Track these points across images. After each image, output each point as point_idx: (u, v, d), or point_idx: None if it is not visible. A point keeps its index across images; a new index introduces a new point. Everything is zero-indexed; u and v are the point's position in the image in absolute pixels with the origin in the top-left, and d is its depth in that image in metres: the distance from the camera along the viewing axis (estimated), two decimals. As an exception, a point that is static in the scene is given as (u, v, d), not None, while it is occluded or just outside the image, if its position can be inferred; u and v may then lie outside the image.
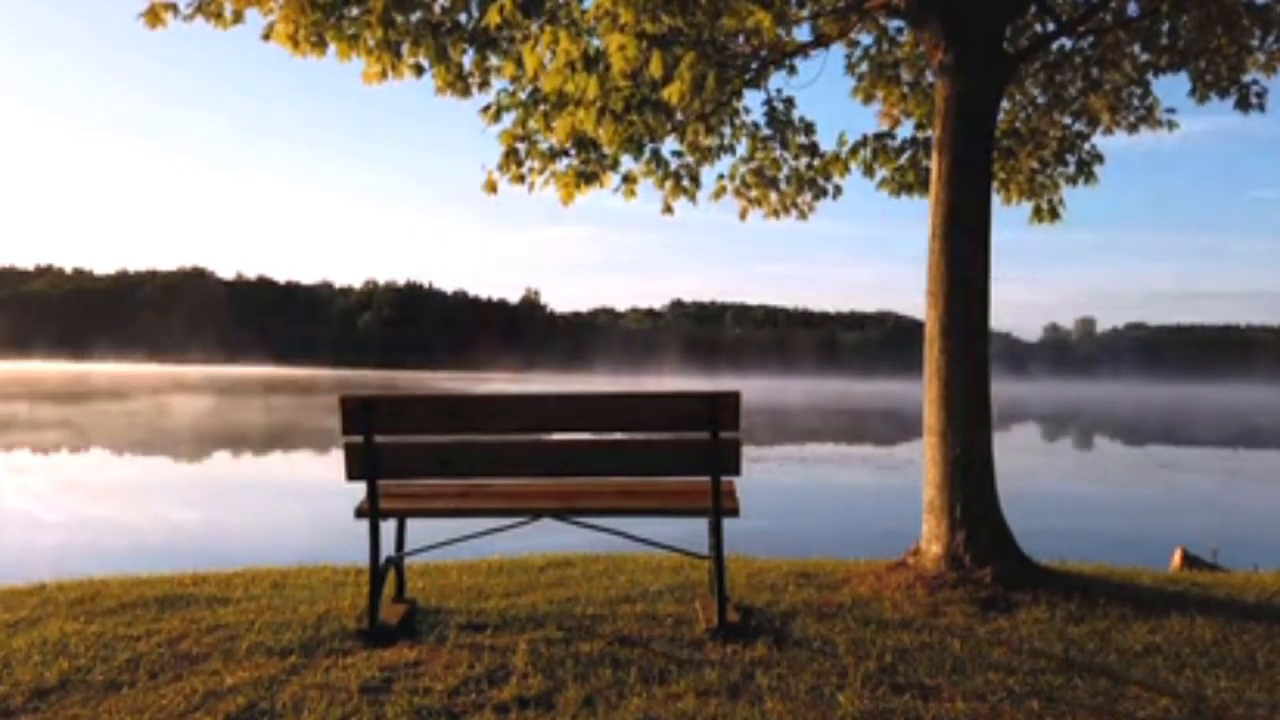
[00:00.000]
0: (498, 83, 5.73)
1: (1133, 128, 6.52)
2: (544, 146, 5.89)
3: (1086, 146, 6.63)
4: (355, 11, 5.05)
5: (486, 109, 5.79)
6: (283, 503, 13.25)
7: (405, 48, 5.18)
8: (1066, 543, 6.85)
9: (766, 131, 6.51)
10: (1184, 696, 3.11)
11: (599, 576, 4.90)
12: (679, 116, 5.87)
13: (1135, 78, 6.26)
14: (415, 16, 5.15)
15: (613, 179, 6.08)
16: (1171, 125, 6.54)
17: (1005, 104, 6.37)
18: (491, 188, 6.02)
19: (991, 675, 3.26)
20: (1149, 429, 38.54)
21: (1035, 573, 4.62)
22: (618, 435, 3.84)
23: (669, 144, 6.16)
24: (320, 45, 5.05)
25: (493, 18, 4.54)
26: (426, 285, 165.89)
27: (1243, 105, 5.87)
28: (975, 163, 4.86)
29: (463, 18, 5.30)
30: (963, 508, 4.61)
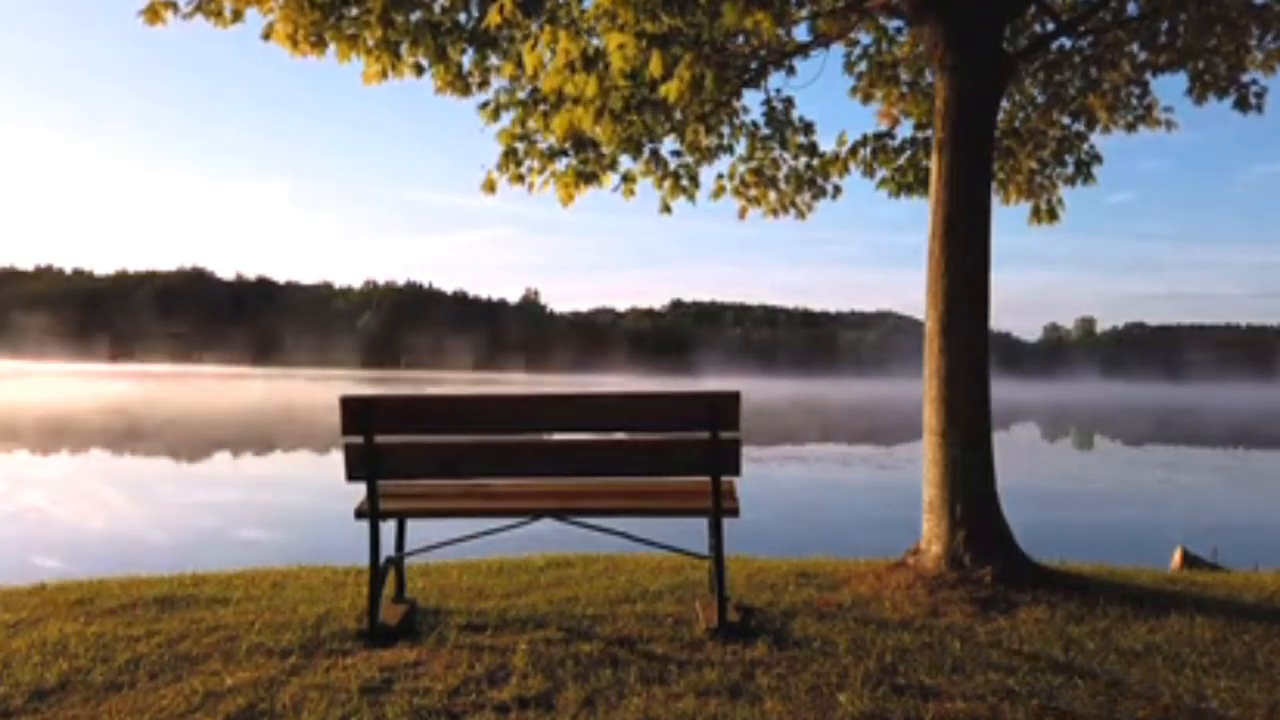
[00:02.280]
0: (497, 82, 5.74)
1: (1131, 127, 6.51)
2: (543, 146, 5.89)
3: (1085, 146, 6.64)
4: (355, 11, 5.05)
5: (485, 106, 5.80)
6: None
7: (405, 47, 5.19)
8: (1066, 541, 6.85)
9: (765, 131, 6.52)
10: (1184, 696, 3.10)
11: (599, 577, 4.90)
12: (678, 116, 5.87)
13: (1134, 77, 6.25)
14: (415, 16, 5.15)
15: (612, 179, 6.09)
16: (1170, 124, 6.54)
17: (1004, 104, 6.38)
18: (490, 187, 6.03)
19: (991, 675, 3.26)
20: (1147, 429, 38.56)
21: (1035, 572, 4.62)
22: (618, 435, 3.84)
23: (668, 144, 6.17)
24: (320, 45, 5.05)
25: (493, 18, 4.54)
26: (426, 285, 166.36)
27: (1241, 105, 5.87)
28: (975, 163, 4.86)
29: (462, 17, 5.30)
30: (963, 508, 4.61)
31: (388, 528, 3.93)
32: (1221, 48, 5.67)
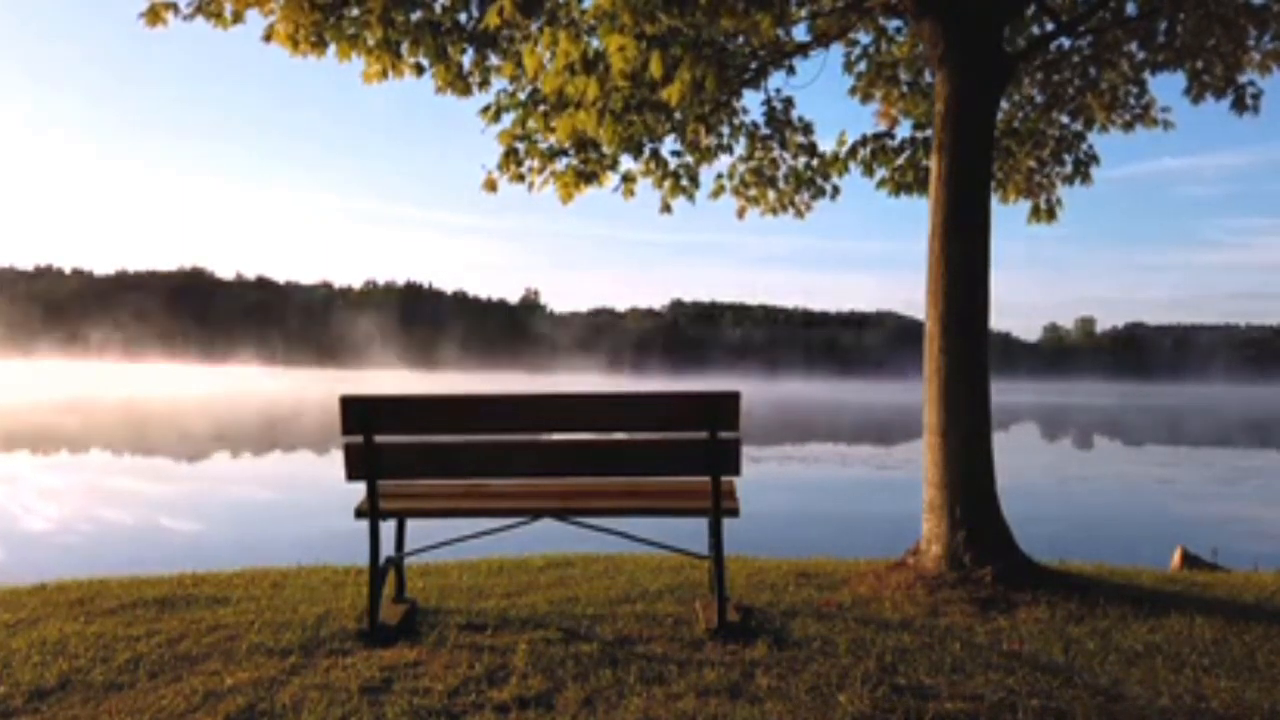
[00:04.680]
0: (497, 82, 5.75)
1: (1129, 126, 6.52)
2: (543, 146, 5.90)
3: (1084, 146, 6.64)
4: (355, 11, 5.06)
5: (486, 109, 5.80)
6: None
7: (405, 47, 5.19)
8: (1066, 541, 6.85)
9: (765, 131, 6.52)
10: (1184, 696, 3.11)
11: (599, 577, 4.90)
12: (678, 116, 5.88)
13: (1132, 76, 6.26)
14: (415, 16, 5.15)
15: (612, 178, 6.09)
16: (1167, 124, 6.55)
17: (1004, 104, 6.38)
18: (491, 187, 6.03)
19: (991, 675, 3.26)
20: (1145, 429, 38.57)
21: (1035, 573, 4.62)
22: (618, 435, 3.84)
23: (668, 143, 6.17)
24: (320, 45, 5.06)
25: (492, 19, 4.54)
26: (426, 285, 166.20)
27: (1239, 106, 5.87)
28: (974, 162, 4.86)
29: (462, 17, 5.30)
30: (963, 508, 4.61)
31: (387, 528, 3.93)
32: (1219, 48, 5.67)
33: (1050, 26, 5.99)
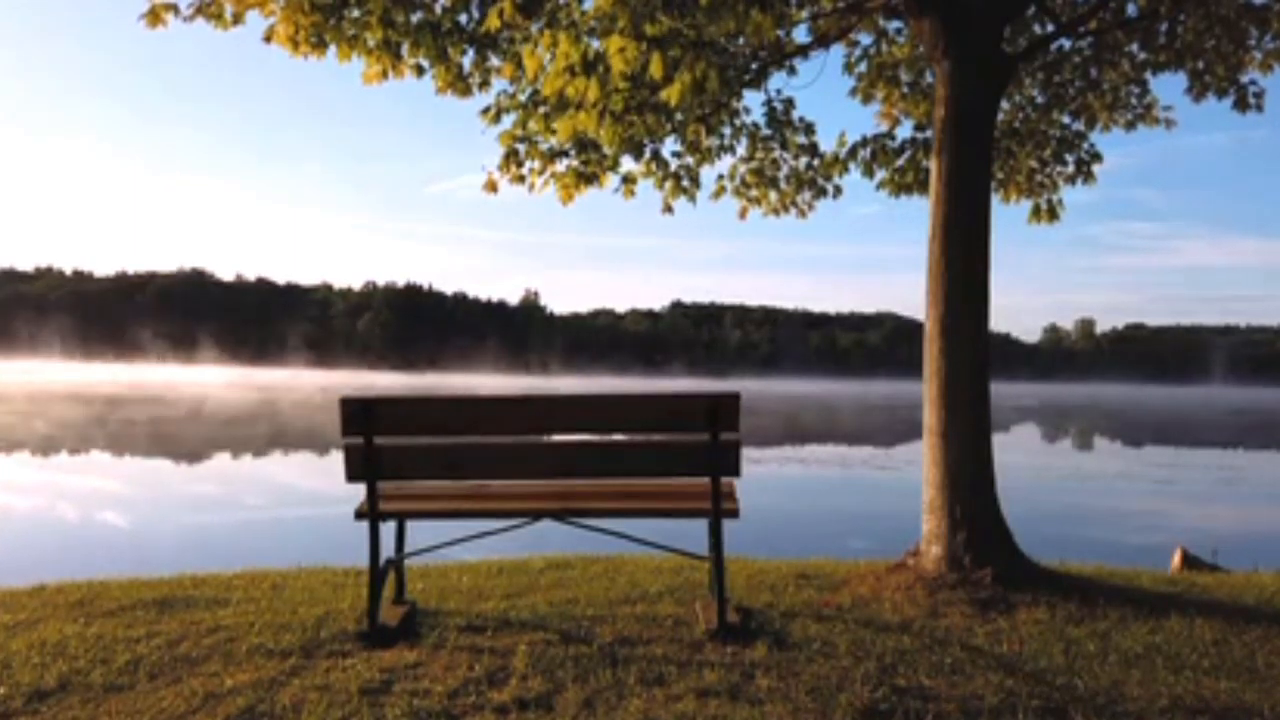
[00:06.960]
0: (498, 83, 5.74)
1: (1130, 126, 6.52)
2: (544, 147, 5.89)
3: (1085, 146, 6.64)
4: (355, 12, 5.05)
5: (486, 110, 5.80)
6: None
7: (405, 48, 5.19)
8: (1065, 541, 6.84)
9: (766, 132, 6.52)
10: (1184, 698, 3.10)
11: (599, 578, 4.90)
12: (679, 117, 5.87)
13: (1133, 76, 6.26)
14: (415, 17, 5.15)
15: (612, 179, 6.08)
16: (1169, 123, 6.55)
17: (1004, 104, 6.38)
18: (491, 188, 6.03)
19: (991, 676, 3.26)
20: (1144, 429, 38.56)
21: (1035, 573, 4.62)
22: (618, 436, 3.84)
23: (668, 144, 6.17)
24: (320, 46, 5.05)
25: (493, 21, 4.54)
26: (426, 286, 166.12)
27: (1241, 105, 5.86)
28: (975, 163, 4.86)
29: (463, 19, 5.30)
30: (963, 508, 4.60)
31: (387, 529, 3.93)
32: (1220, 48, 5.67)
33: (1051, 27, 5.99)
